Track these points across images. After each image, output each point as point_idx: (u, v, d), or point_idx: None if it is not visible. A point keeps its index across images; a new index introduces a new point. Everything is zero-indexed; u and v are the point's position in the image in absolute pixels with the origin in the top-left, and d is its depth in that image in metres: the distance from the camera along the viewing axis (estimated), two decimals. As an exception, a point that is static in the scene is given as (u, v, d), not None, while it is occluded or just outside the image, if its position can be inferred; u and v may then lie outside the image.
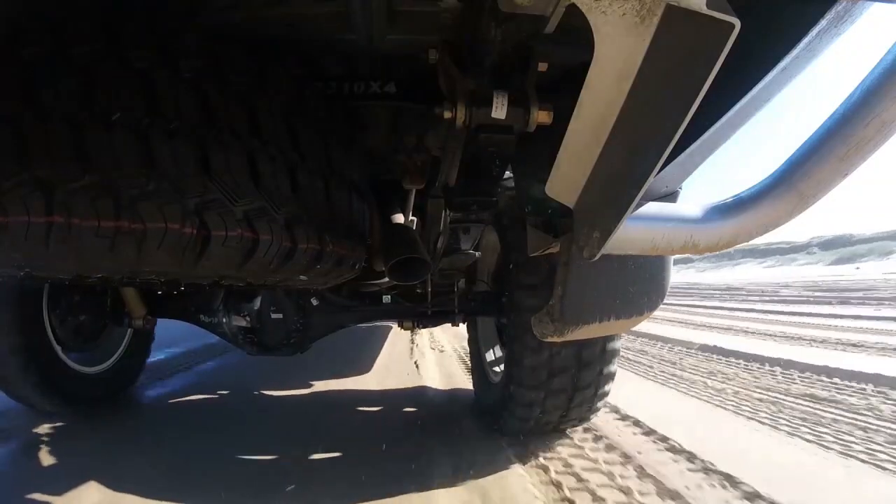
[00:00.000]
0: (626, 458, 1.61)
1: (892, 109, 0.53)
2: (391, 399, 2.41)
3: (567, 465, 1.55)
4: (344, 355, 3.48)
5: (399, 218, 1.54)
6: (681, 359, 3.51)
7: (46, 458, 1.58)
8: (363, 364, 3.21)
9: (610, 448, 1.69)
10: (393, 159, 1.48)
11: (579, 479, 1.44)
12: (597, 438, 1.79)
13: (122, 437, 1.82)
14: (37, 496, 1.31)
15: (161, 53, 0.93)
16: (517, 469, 1.52)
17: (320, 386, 2.66)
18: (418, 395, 2.50)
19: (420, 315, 2.10)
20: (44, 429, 1.83)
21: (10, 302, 1.76)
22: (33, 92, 0.84)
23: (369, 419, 2.12)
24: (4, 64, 0.85)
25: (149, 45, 0.93)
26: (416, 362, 3.21)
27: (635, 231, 0.68)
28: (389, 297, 2.16)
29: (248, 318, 1.96)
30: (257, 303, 1.95)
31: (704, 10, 0.42)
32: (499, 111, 0.83)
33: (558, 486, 1.39)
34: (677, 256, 0.91)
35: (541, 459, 1.58)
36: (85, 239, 0.81)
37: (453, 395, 2.47)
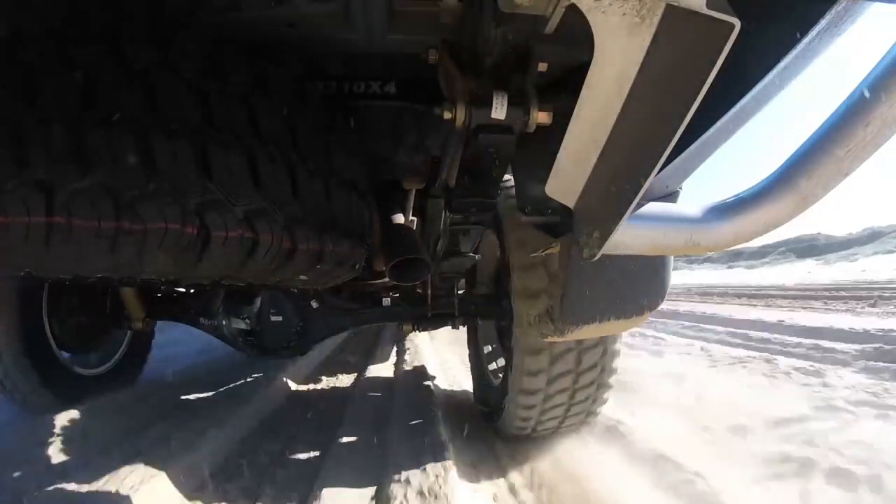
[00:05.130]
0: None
1: (892, 109, 0.53)
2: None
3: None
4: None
5: (399, 218, 1.54)
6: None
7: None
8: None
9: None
10: (393, 159, 1.48)
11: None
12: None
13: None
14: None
15: (161, 54, 0.93)
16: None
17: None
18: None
19: (420, 317, 2.10)
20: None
21: (9, 303, 1.76)
22: (34, 93, 0.84)
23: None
24: (5, 65, 0.85)
25: (148, 46, 0.93)
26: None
27: (635, 231, 0.68)
28: (389, 299, 2.16)
29: (247, 321, 1.95)
30: (257, 305, 1.95)
31: (704, 10, 0.42)
32: (498, 111, 0.83)
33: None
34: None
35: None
36: (85, 240, 0.81)
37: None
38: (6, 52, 0.86)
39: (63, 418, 1.74)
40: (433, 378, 2.76)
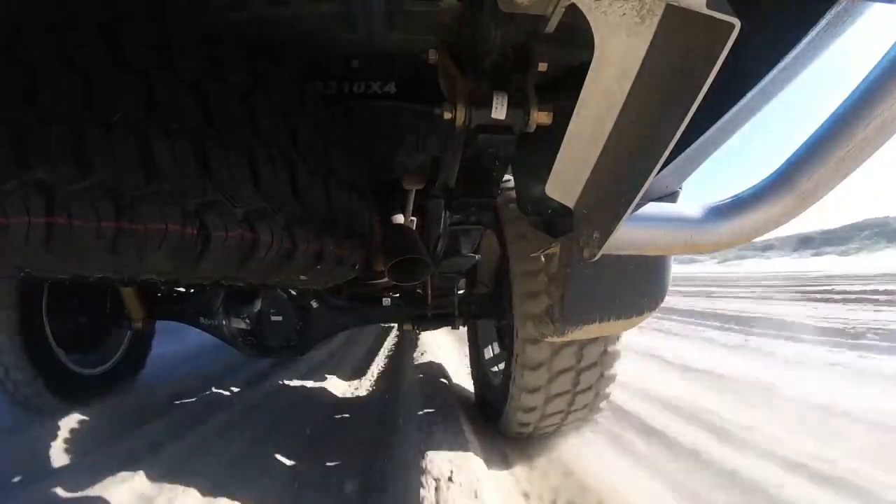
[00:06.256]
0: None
1: (892, 109, 0.53)
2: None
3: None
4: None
5: (399, 218, 1.54)
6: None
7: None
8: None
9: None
10: (393, 159, 1.48)
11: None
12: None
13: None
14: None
15: (161, 54, 0.93)
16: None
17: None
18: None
19: (420, 317, 2.10)
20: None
21: (9, 303, 1.76)
22: (34, 93, 0.84)
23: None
24: (5, 66, 0.85)
25: (148, 47, 0.93)
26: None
27: (635, 231, 0.68)
28: (389, 299, 2.16)
29: (247, 321, 1.95)
30: (257, 305, 1.95)
31: (704, 10, 0.42)
32: (498, 111, 0.83)
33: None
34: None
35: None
36: (85, 240, 0.81)
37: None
38: (6, 52, 0.86)
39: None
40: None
